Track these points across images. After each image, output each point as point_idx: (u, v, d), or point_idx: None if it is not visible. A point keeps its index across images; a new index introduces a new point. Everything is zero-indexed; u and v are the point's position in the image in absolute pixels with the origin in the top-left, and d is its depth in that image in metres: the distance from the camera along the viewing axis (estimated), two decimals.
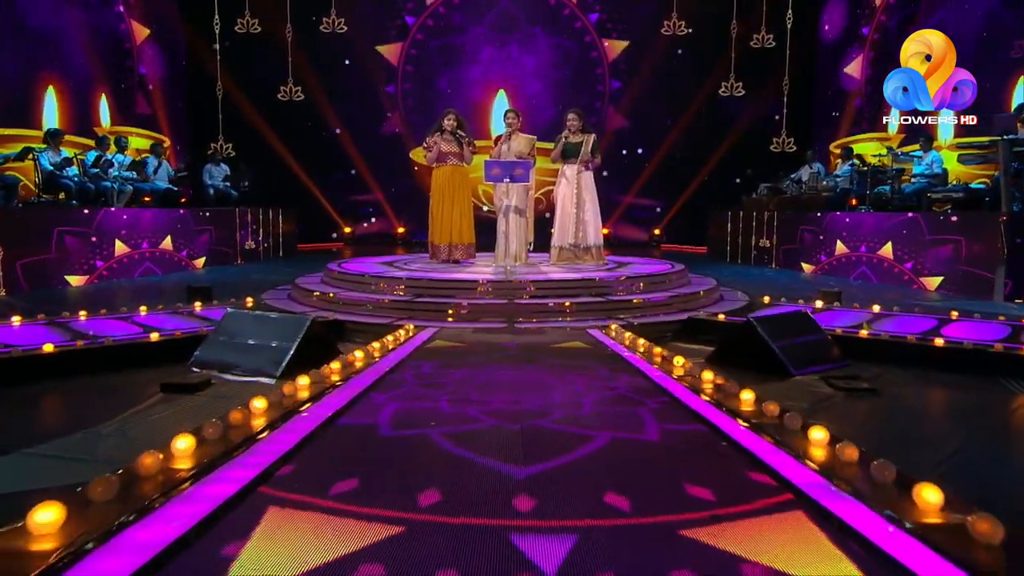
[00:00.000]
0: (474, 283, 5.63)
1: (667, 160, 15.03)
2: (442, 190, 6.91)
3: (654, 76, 14.92)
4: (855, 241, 9.10)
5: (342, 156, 14.99)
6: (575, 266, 6.79)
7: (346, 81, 14.87)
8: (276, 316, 4.46)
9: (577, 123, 6.90)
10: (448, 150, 6.91)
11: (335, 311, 5.55)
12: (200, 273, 9.32)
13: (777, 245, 10.67)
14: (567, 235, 6.94)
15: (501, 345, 4.52)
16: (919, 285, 8.03)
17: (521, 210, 6.94)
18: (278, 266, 10.30)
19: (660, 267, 6.88)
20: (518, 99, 14.98)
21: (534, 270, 6.52)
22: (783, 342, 4.19)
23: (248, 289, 7.01)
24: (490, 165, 6.26)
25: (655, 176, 15.16)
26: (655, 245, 15.35)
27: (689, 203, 14.89)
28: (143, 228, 9.01)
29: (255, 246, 11.29)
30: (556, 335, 4.80)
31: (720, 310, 5.71)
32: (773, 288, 7.91)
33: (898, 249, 8.39)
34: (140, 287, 7.86)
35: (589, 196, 6.92)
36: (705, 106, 14.82)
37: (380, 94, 15.15)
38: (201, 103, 14.00)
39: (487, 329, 5.00)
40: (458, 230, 6.94)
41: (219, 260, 10.37)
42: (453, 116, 6.88)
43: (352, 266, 6.76)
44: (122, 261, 8.61)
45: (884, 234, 8.58)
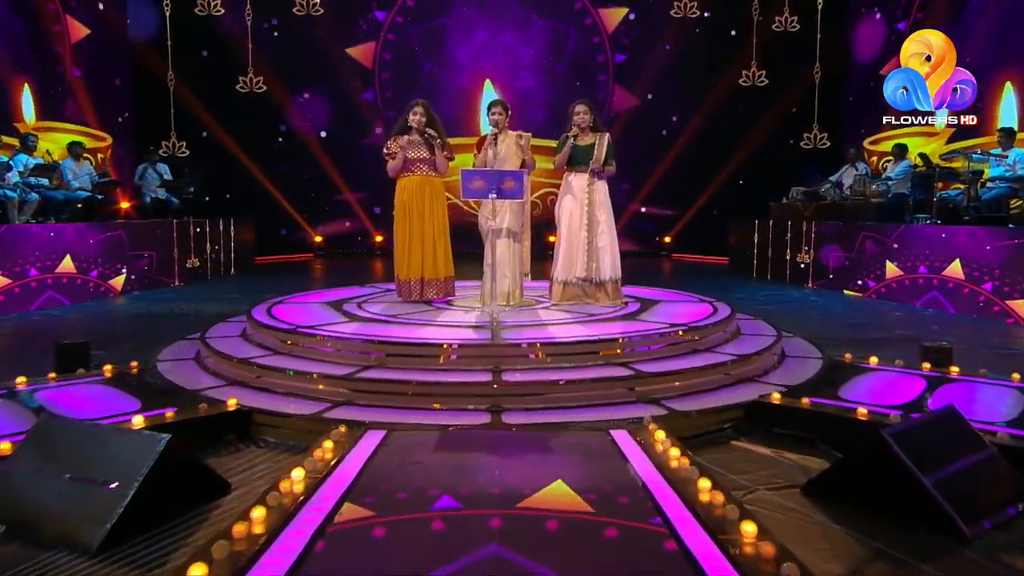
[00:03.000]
0: (446, 347, 4.02)
1: (679, 159, 13.45)
2: (408, 208, 5.29)
3: (664, 68, 13.30)
4: (920, 259, 7.53)
5: (309, 154, 13.32)
6: (585, 307, 5.19)
7: (313, 73, 13.20)
8: (114, 430, 2.83)
9: (588, 118, 5.29)
10: (415, 156, 5.29)
11: (251, 385, 3.96)
12: (117, 305, 7.68)
13: (816, 261, 9.09)
14: (574, 266, 5.33)
15: (479, 491, 2.91)
16: (1016, 318, 6.48)
17: (515, 233, 5.33)
18: (223, 290, 8.68)
19: (698, 310, 5.29)
20: (508, 92, 13.37)
21: (531, 317, 4.92)
22: (937, 472, 2.61)
23: (152, 337, 5.38)
24: (468, 176, 4.64)
25: (665, 178, 13.56)
26: (664, 255, 13.79)
27: (706, 207, 13.32)
28: (49, 246, 7.36)
29: (199, 264, 9.65)
30: (562, 452, 3.18)
31: (792, 379, 4.12)
32: (832, 325, 6.33)
33: (972, 268, 6.84)
34: (14, 332, 6.23)
35: (604, 215, 5.31)
36: (723, 98, 13.23)
37: (354, 92, 13.49)
38: (149, 95, 12.31)
39: (461, 429, 3.39)
40: (431, 261, 5.32)
41: (152, 283, 8.72)
42: (421, 110, 5.25)
43: (287, 311, 5.14)
44: (12, 292, 6.96)
45: (981, 252, 7.00)
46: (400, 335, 4.25)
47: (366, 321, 4.73)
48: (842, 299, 8.16)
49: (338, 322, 4.69)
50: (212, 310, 6.97)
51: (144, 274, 8.57)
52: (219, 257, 10.24)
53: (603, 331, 4.39)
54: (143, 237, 8.59)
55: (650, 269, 11.84)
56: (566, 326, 4.59)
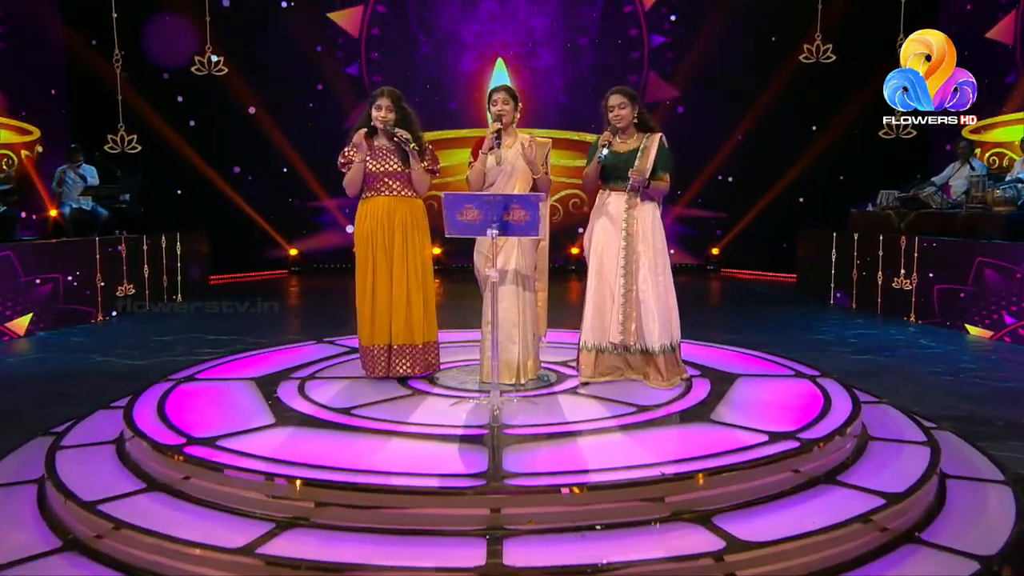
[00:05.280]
0: (411, 493, 2.71)
1: (732, 154, 12.07)
2: (372, 244, 4.00)
3: (708, 47, 11.90)
4: None
5: (281, 153, 12.06)
6: (628, 390, 3.88)
7: (286, 56, 11.94)
8: None
9: (627, 113, 3.98)
10: (381, 168, 4.00)
11: (102, 554, 2.68)
12: (15, 354, 6.44)
13: (921, 288, 7.70)
14: (609, 326, 4.01)
15: None
16: None
17: (525, 279, 4.03)
18: (157, 326, 7.44)
19: (799, 393, 3.95)
20: (522, 75, 12.09)
21: (549, 413, 3.60)
22: None
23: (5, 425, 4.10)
24: (455, 203, 3.32)
25: (713, 177, 12.18)
26: (712, 270, 12.45)
27: (765, 213, 11.93)
28: None
29: (134, 291, 8.43)
30: None
31: (974, 537, 2.77)
32: (978, 396, 4.82)
33: None
34: None
35: (651, 252, 3.98)
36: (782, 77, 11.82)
37: (335, 69, 12.23)
38: (91, 81, 11.08)
39: None
40: (403, 321, 4.02)
41: (66, 320, 7.49)
42: (388, 102, 3.94)
43: (190, 402, 3.83)
44: None
45: None
46: (342, 460, 2.94)
47: (301, 424, 3.43)
48: (965, 342, 6.76)
49: (261, 426, 3.39)
50: (120, 367, 5.72)
51: (52, 310, 7.33)
52: (161, 280, 9.01)
53: (662, 448, 3.07)
54: (46, 259, 7.33)
55: (697, 291, 10.50)
56: (604, 436, 3.26)
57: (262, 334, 6.87)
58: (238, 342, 6.58)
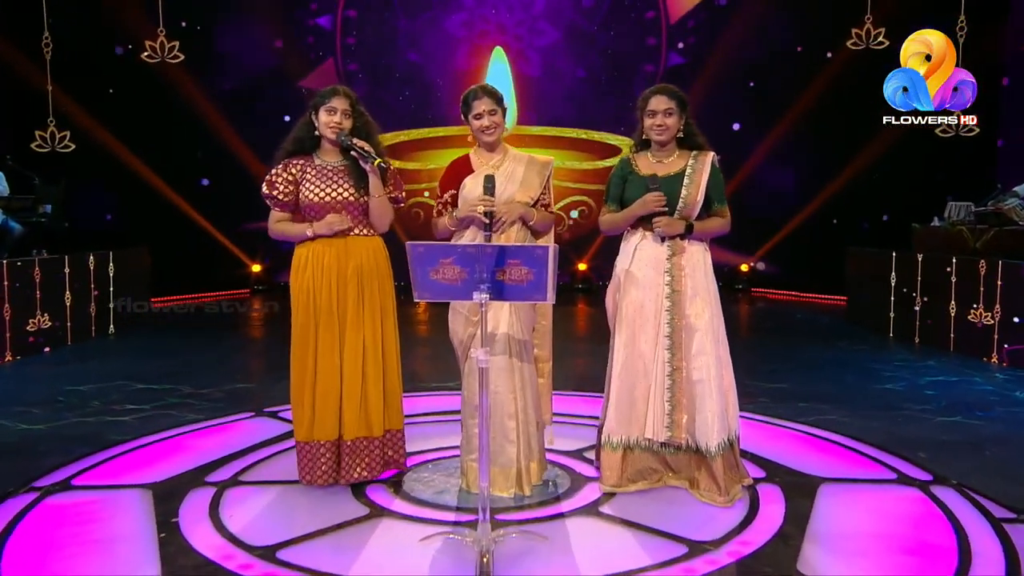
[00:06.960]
0: None
1: (768, 156, 11.26)
2: (314, 303, 3.09)
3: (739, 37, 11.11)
4: None
5: (242, 153, 11.16)
6: (665, 503, 2.99)
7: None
8: None
9: (675, 123, 3.08)
10: (329, 197, 3.10)
11: None
12: None
13: (1004, 323, 6.81)
14: (647, 417, 3.09)
15: None
16: None
17: (523, 344, 3.12)
18: (74, 371, 6.52)
19: (912, 517, 3.04)
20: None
21: (564, 555, 2.68)
22: None
23: None
24: (423, 258, 2.43)
25: (745, 184, 11.29)
26: (741, 289, 11.61)
27: (806, 224, 11.11)
28: None
29: (52, 323, 7.50)
30: None
31: None
32: None
33: None
34: None
35: (707, 309, 3.11)
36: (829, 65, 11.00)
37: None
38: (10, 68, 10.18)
39: None
40: (356, 407, 3.09)
41: None
42: (343, 103, 3.03)
43: (51, 538, 2.93)
44: None
45: None
46: None
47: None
48: None
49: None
50: (9, 434, 4.76)
51: None
52: (87, 310, 8.08)
53: None
54: None
55: (726, 316, 9.57)
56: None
57: (202, 381, 5.99)
58: (171, 393, 5.70)
